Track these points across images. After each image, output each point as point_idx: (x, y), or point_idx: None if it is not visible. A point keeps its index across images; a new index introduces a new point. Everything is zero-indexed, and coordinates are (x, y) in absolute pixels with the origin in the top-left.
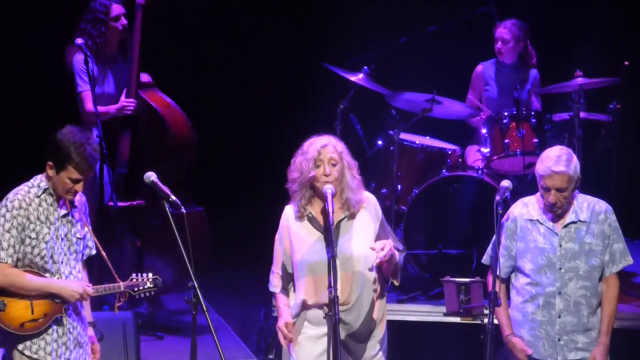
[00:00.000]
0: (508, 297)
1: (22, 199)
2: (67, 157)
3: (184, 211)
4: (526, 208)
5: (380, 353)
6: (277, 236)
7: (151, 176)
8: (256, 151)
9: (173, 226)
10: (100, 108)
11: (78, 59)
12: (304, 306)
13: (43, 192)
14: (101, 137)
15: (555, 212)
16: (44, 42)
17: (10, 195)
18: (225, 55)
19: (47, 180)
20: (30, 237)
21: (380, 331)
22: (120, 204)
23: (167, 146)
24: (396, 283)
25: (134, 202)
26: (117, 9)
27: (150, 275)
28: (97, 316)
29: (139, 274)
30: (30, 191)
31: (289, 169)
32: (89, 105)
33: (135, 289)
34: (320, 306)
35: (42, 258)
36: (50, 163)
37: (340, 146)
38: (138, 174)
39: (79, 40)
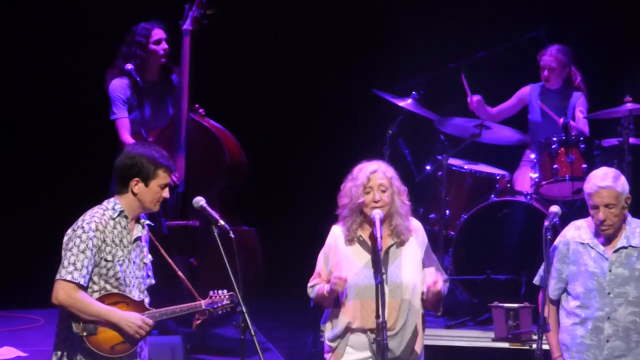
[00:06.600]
0: (557, 321)
1: (98, 221)
2: (155, 164)
3: (233, 236)
4: (578, 231)
5: None
6: (321, 254)
7: (200, 201)
8: (305, 176)
9: (222, 250)
10: None
11: (114, 85)
12: (348, 329)
13: (118, 215)
14: None
15: (605, 230)
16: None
17: (86, 217)
18: (276, 80)
19: (121, 202)
20: (106, 260)
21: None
22: (176, 222)
23: (223, 167)
24: (438, 313)
25: (189, 222)
26: (158, 33)
27: (225, 291)
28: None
29: (216, 291)
30: (105, 213)
31: (339, 194)
32: (125, 136)
33: (215, 307)
34: (364, 330)
35: (117, 279)
36: (137, 179)
37: (390, 172)
38: (192, 195)
39: (129, 66)
